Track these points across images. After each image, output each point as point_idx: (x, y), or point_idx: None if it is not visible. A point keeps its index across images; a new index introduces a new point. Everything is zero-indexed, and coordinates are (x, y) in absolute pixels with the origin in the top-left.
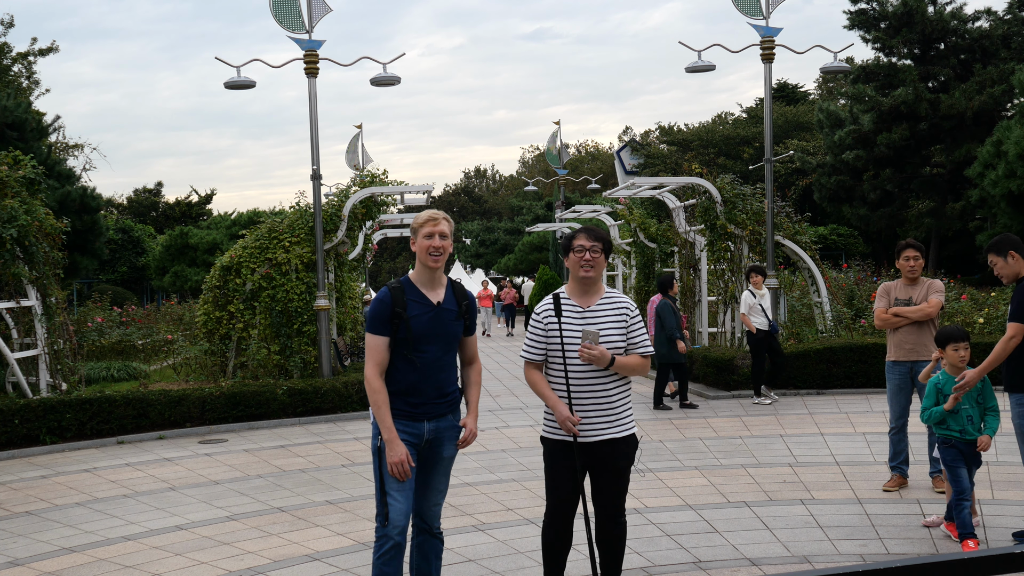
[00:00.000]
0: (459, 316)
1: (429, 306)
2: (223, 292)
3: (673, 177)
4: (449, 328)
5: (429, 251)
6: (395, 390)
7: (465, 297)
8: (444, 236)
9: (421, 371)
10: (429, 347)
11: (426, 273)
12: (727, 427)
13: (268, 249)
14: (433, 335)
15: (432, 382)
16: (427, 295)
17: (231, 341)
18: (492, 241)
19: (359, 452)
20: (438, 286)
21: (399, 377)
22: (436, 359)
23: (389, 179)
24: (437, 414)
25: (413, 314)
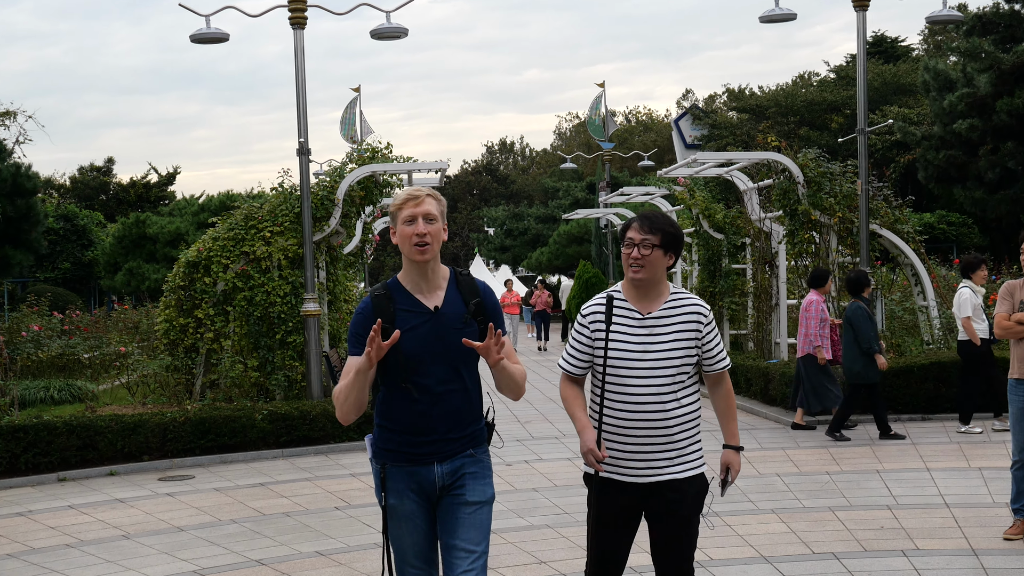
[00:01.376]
0: (468, 320)
1: (424, 314)
2: (189, 294)
3: (744, 152)
4: (456, 340)
5: (413, 240)
6: (395, 424)
7: (475, 292)
8: (431, 218)
9: (424, 404)
10: (431, 370)
11: (414, 271)
12: (811, 461)
13: (244, 241)
14: (433, 353)
15: (442, 417)
16: (421, 299)
17: (199, 354)
18: (521, 231)
19: (357, 492)
20: (435, 286)
21: (396, 415)
22: (444, 385)
23: (394, 155)
24: (451, 453)
25: (405, 327)
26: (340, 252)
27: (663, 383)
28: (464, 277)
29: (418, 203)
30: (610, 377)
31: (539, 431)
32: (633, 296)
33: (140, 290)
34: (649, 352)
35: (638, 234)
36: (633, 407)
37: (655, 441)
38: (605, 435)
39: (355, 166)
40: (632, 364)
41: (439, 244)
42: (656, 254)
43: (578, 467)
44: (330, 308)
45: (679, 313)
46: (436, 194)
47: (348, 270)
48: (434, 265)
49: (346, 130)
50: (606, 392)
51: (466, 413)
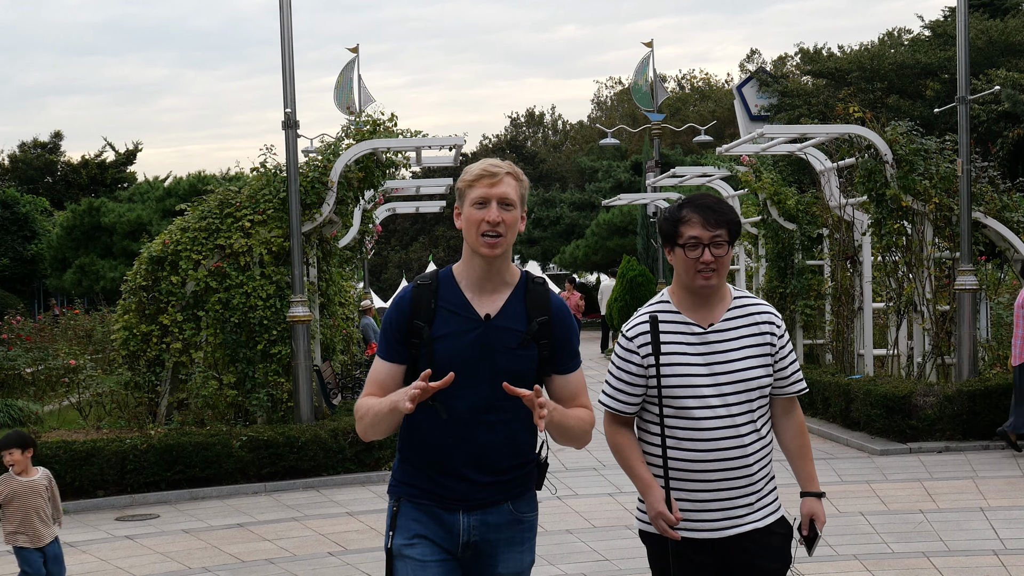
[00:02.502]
0: (527, 341)
1: (472, 321)
2: (152, 296)
3: (821, 125)
4: (506, 363)
5: (482, 229)
6: (416, 458)
7: (543, 308)
8: (508, 204)
9: (450, 436)
10: (464, 392)
11: (477, 266)
12: (901, 496)
13: (219, 232)
14: (472, 371)
15: (465, 455)
16: (473, 302)
17: (164, 369)
18: (553, 220)
19: (354, 534)
20: (497, 289)
21: (420, 437)
22: (477, 415)
23: (399, 128)
24: (482, 502)
25: (441, 332)
26: (334, 245)
27: (738, 411)
28: (537, 287)
29: (494, 182)
30: (670, 411)
31: (574, 460)
32: (689, 304)
33: (93, 291)
34: (718, 374)
35: (705, 230)
36: (704, 445)
37: (733, 485)
38: (673, 487)
39: (352, 142)
40: (699, 391)
41: (514, 236)
42: (727, 253)
43: (622, 506)
44: (322, 313)
45: (748, 323)
46: (518, 172)
47: (344, 267)
48: (503, 263)
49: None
50: (667, 431)
51: (501, 454)
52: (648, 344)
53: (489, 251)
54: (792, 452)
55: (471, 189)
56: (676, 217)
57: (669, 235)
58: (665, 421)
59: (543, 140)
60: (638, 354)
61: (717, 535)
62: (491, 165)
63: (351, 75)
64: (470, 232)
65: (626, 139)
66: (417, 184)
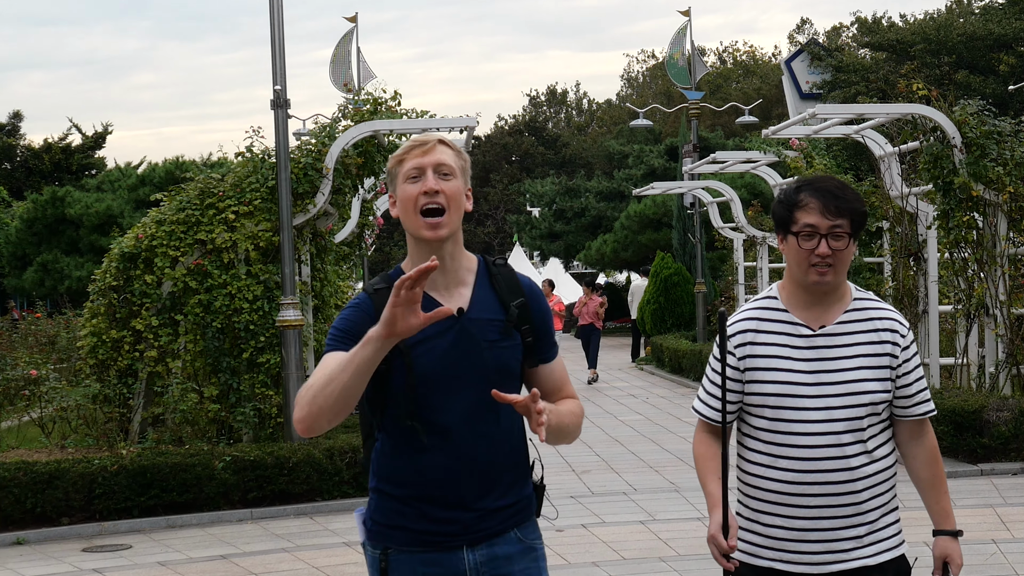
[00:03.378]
0: (508, 330)
1: (443, 320)
2: (124, 298)
3: (880, 104)
4: (490, 359)
5: (420, 204)
6: (401, 491)
7: (516, 290)
8: (446, 172)
9: (442, 455)
10: (452, 402)
11: (427, 255)
12: (972, 524)
13: (200, 225)
14: (456, 377)
15: (470, 476)
16: (438, 298)
17: (137, 380)
18: (577, 211)
19: (353, 567)
20: (457, 279)
21: (402, 473)
22: (471, 426)
23: (403, 108)
24: (488, 533)
25: (415, 338)
26: (330, 240)
27: (845, 428)
28: (500, 269)
29: (426, 150)
30: (765, 422)
31: (600, 484)
32: (801, 303)
33: (57, 292)
34: (825, 384)
35: (823, 218)
36: (802, 464)
37: (837, 513)
38: (763, 506)
39: (351, 124)
40: (799, 402)
41: (459, 213)
42: (849, 246)
43: (655, 535)
44: (316, 316)
45: (866, 328)
46: (452, 142)
47: (341, 265)
48: (454, 248)
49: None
50: (762, 445)
51: (507, 470)
52: (747, 344)
53: (432, 232)
54: (923, 483)
55: (402, 164)
56: (792, 201)
57: (782, 220)
58: (760, 434)
59: (566, 121)
60: (735, 355)
61: (816, 570)
62: (419, 136)
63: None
64: (407, 214)
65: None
66: None
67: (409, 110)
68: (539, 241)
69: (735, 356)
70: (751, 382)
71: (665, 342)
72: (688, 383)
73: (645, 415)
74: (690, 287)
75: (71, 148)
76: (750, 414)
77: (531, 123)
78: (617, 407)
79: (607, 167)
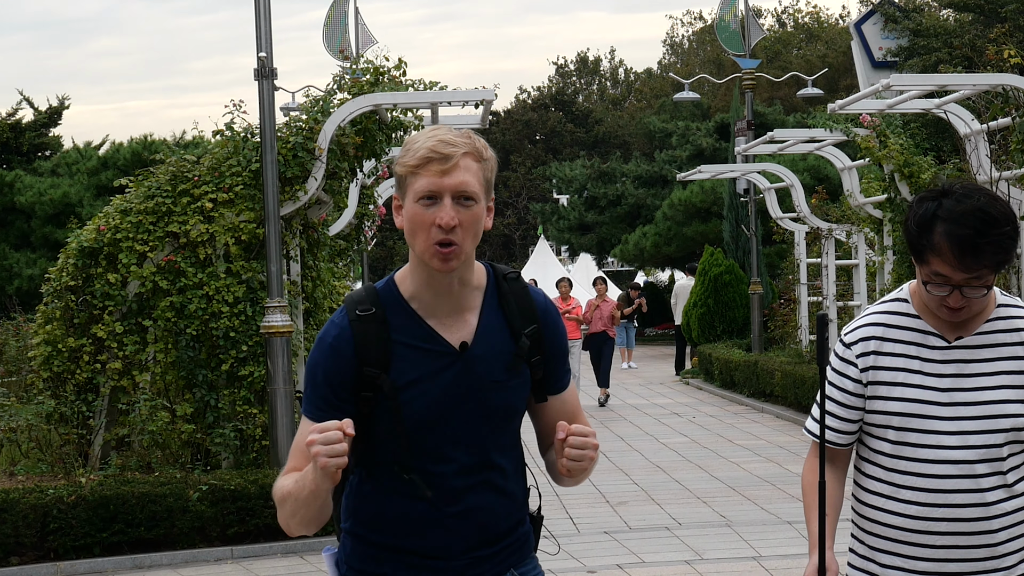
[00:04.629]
0: (516, 364)
1: (443, 355)
2: (83, 300)
3: (966, 74)
4: (495, 400)
5: (433, 237)
6: (378, 540)
7: (530, 314)
8: (468, 197)
9: (438, 507)
10: (451, 450)
11: (431, 281)
12: None
13: (172, 215)
14: (456, 422)
15: (464, 527)
16: (437, 327)
17: (99, 396)
18: (612, 200)
19: None
20: (462, 305)
21: (386, 521)
22: (470, 476)
23: (409, 79)
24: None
25: (406, 378)
26: (324, 233)
27: (981, 456)
28: (512, 285)
29: (447, 168)
30: (888, 446)
31: (639, 517)
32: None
33: (5, 293)
34: (959, 404)
35: (958, 271)
36: (929, 497)
37: (968, 555)
38: (880, 543)
39: (347, 97)
40: (928, 424)
41: (476, 241)
42: (991, 292)
43: (698, 572)
44: (307, 322)
45: (1010, 341)
46: (480, 147)
47: (336, 261)
48: (465, 268)
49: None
50: (882, 472)
51: (504, 515)
52: (871, 354)
53: (443, 264)
54: None
55: (414, 177)
56: (924, 237)
57: (914, 249)
58: (880, 459)
59: (599, 94)
60: (856, 366)
61: None
62: (441, 142)
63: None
64: (416, 238)
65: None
66: None
67: (416, 81)
68: (567, 234)
69: (856, 367)
70: (873, 398)
71: (714, 352)
72: (741, 399)
73: (691, 437)
74: (743, 287)
75: (21, 125)
76: (870, 435)
77: (558, 96)
78: (658, 428)
79: (647, 147)
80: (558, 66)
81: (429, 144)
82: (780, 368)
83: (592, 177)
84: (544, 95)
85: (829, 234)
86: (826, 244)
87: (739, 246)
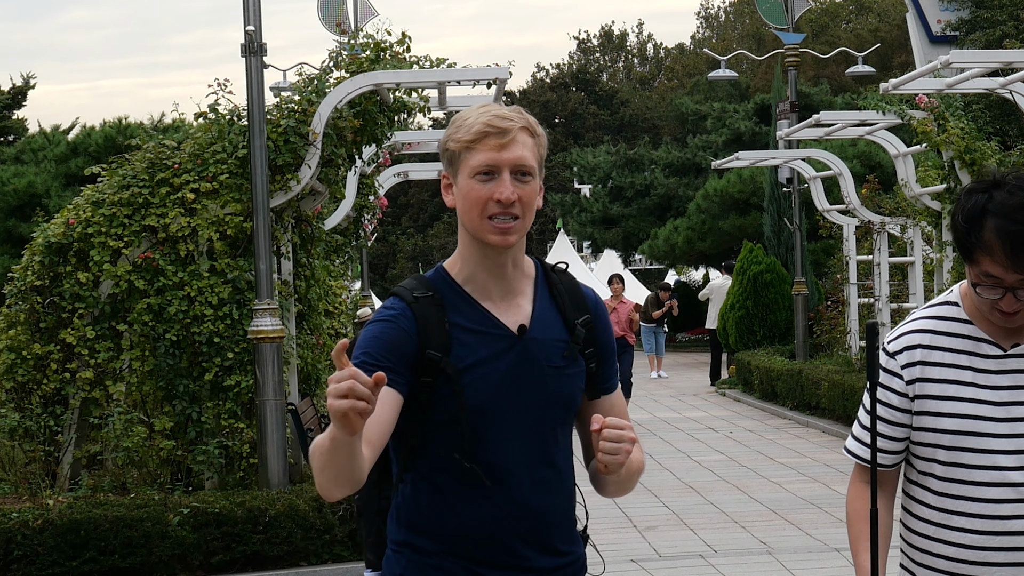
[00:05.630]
0: (572, 353)
1: (502, 338)
2: (51, 302)
3: None
4: (553, 385)
5: (490, 211)
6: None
7: (581, 304)
8: (525, 172)
9: (498, 504)
10: (510, 441)
11: (486, 261)
12: None
13: (149, 208)
14: (515, 411)
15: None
16: (493, 311)
17: (68, 409)
18: (639, 190)
19: None
20: (516, 288)
21: (439, 515)
22: (531, 470)
23: (414, 56)
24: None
25: (467, 362)
26: (318, 227)
27: None
28: (561, 277)
29: (505, 142)
30: (938, 467)
31: (670, 544)
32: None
33: None
34: (1017, 420)
35: (1011, 271)
36: (985, 524)
37: None
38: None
39: (345, 76)
40: (982, 441)
41: (532, 216)
42: None
43: None
44: (300, 326)
45: None
46: (533, 123)
47: (332, 258)
48: (518, 251)
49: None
50: (931, 496)
51: (559, 523)
52: (917, 364)
53: (501, 238)
54: None
55: (470, 152)
56: (973, 230)
57: (961, 247)
58: (930, 482)
59: (625, 72)
60: (901, 377)
61: None
62: (496, 116)
63: None
64: (471, 215)
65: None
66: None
67: (421, 58)
68: (590, 228)
69: (901, 379)
70: (921, 413)
71: (754, 359)
72: (784, 413)
73: (728, 454)
74: (786, 288)
75: None
76: (918, 456)
77: (580, 74)
78: (691, 444)
79: (678, 132)
80: (580, 41)
81: (484, 119)
82: (827, 378)
83: (617, 165)
84: (564, 73)
85: (882, 228)
86: (878, 239)
87: (781, 242)
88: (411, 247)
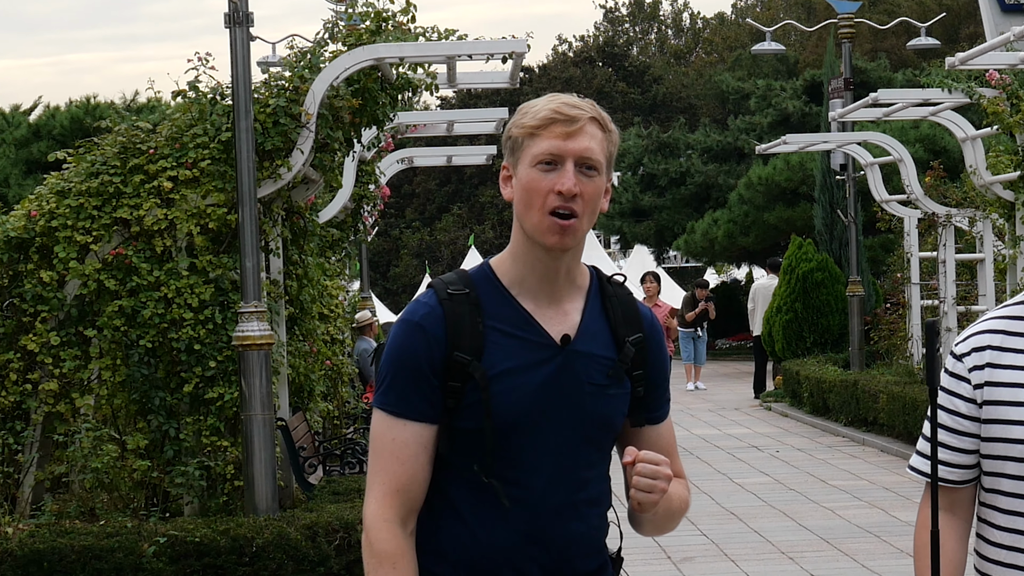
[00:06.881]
0: (618, 371)
1: (542, 346)
2: (10, 304)
3: None
4: (591, 404)
5: (550, 204)
6: (442, 569)
7: (635, 321)
8: (591, 166)
9: (510, 523)
10: (536, 456)
11: (538, 262)
12: None
13: (121, 198)
14: (547, 424)
15: (550, 550)
16: (536, 315)
17: (29, 425)
18: (674, 177)
19: None
20: (566, 295)
21: (454, 535)
22: (560, 493)
23: (419, 27)
24: None
25: (499, 368)
26: (312, 220)
27: None
28: (617, 290)
29: (572, 131)
30: (1009, 483)
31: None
32: None
33: None
34: None
35: None
36: None
37: None
38: None
39: (342, 49)
40: None
41: (592, 220)
42: None
43: None
44: (291, 331)
45: None
46: (606, 118)
47: (328, 255)
48: (573, 257)
49: None
50: (1003, 517)
51: (587, 551)
52: (986, 367)
53: (558, 239)
54: None
55: (533, 139)
56: None
57: None
58: (1001, 501)
59: (658, 45)
60: (968, 382)
61: None
62: (565, 103)
63: None
64: (530, 207)
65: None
66: (450, 119)
67: (428, 29)
68: (619, 221)
69: (969, 383)
70: (990, 422)
71: (803, 369)
72: (837, 429)
73: (774, 476)
74: (840, 288)
75: None
76: (986, 471)
77: (607, 47)
78: (733, 464)
79: (718, 113)
80: (607, 10)
81: (552, 106)
82: (886, 390)
83: (649, 150)
84: (589, 46)
85: (947, 221)
86: (943, 234)
87: (834, 236)
88: (416, 242)
